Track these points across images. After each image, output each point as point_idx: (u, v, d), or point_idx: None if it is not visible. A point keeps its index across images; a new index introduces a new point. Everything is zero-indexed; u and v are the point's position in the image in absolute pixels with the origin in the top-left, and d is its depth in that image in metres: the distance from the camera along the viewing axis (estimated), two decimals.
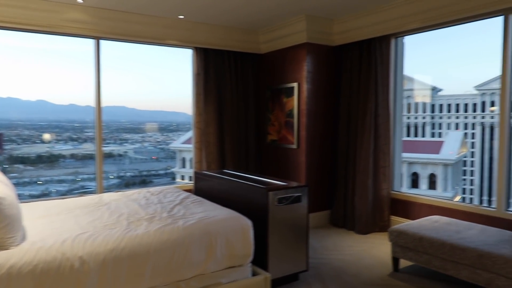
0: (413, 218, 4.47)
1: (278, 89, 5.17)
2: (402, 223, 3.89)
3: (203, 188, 4.05)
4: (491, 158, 34.36)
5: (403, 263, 3.64)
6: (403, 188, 4.84)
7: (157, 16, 4.65)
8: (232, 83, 5.30)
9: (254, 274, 3.00)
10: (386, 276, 3.44)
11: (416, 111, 37.09)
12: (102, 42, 4.54)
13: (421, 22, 4.09)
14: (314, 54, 4.84)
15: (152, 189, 4.05)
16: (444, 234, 3.24)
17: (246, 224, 2.95)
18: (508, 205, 3.77)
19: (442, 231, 3.31)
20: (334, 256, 3.90)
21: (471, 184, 34.37)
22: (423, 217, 4.27)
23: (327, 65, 4.98)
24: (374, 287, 3.22)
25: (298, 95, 4.86)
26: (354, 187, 4.76)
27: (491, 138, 34.61)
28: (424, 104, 37.03)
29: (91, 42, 4.51)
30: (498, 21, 3.75)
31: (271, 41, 5.27)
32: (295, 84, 4.88)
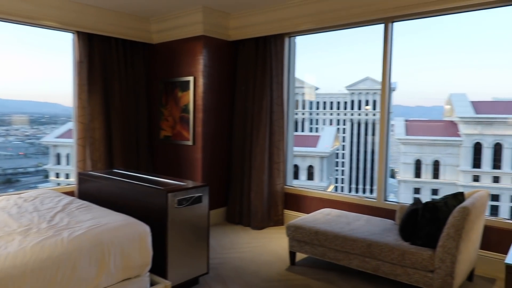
0: (304, 211, 4.68)
1: (173, 82, 4.90)
2: (298, 218, 4.04)
3: (89, 191, 3.61)
4: (358, 151, 38.89)
5: (299, 256, 3.76)
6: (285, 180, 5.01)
7: None
8: (121, 73, 4.85)
9: (153, 283, 2.76)
10: (284, 271, 3.51)
11: (297, 108, 39.81)
12: None
13: (313, 24, 4.26)
14: (211, 48, 4.70)
15: (25, 194, 3.47)
16: (336, 226, 3.43)
17: (143, 230, 2.69)
18: (386, 196, 4.18)
19: (334, 224, 3.51)
20: (232, 255, 3.85)
21: (342, 174, 38.41)
22: (314, 210, 4.50)
23: (224, 60, 4.89)
24: (274, 283, 3.25)
25: (194, 89, 4.67)
26: (250, 183, 4.78)
27: (359, 133, 39.16)
28: (304, 101, 40.02)
29: None
30: (374, 28, 4.16)
31: (164, 31, 4.96)
32: (190, 78, 4.68)
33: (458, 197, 3.07)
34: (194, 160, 4.75)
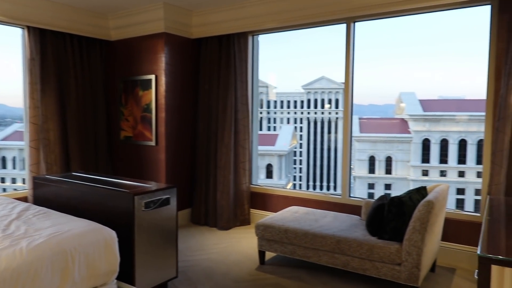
0: (270, 210, 4.68)
1: (133, 81, 4.72)
2: (265, 217, 4.03)
3: (46, 196, 3.38)
4: (315, 149, 39.73)
5: (268, 255, 3.75)
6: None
7: None
8: (77, 71, 4.60)
9: None
10: (254, 270, 3.48)
11: None
12: None
13: (277, 22, 4.26)
14: (173, 45, 4.58)
15: None
16: (305, 224, 3.46)
17: (109, 235, 2.56)
18: (350, 193, 4.27)
19: (303, 221, 3.53)
20: (201, 257, 3.78)
21: (300, 171, 39.09)
22: (280, 208, 4.51)
23: (187, 58, 4.78)
24: (245, 283, 3.22)
25: (156, 88, 4.53)
26: (216, 183, 4.71)
27: (315, 132, 39.98)
28: (261, 100, 40.26)
29: None
30: (331, 28, 4.26)
31: (123, 28, 4.76)
32: (152, 76, 4.53)
33: (421, 192, 3.19)
34: (157, 161, 4.60)
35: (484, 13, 3.49)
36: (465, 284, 3.17)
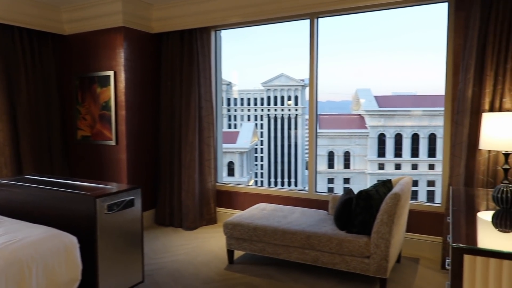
0: (237, 207, 4.62)
1: (90, 77, 4.48)
2: (233, 215, 3.97)
3: None
4: (275, 146, 40.04)
5: (236, 253, 3.69)
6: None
7: None
8: (28, 67, 4.30)
9: None
10: (223, 270, 3.41)
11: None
12: None
13: (240, 17, 4.20)
14: (132, 40, 4.39)
15: None
16: (274, 220, 3.43)
17: (70, 242, 2.40)
18: (316, 188, 4.30)
19: (272, 218, 3.50)
20: (167, 259, 3.65)
21: (261, 168, 39.28)
22: (246, 206, 4.47)
23: (147, 54, 4.60)
24: (214, 284, 3.14)
25: (115, 85, 4.32)
26: (180, 182, 4.58)
27: (276, 128, 40.27)
28: (221, 97, 39.97)
29: None
30: (288, 25, 4.24)
31: (78, 21, 4.50)
32: (111, 73, 4.32)
33: (387, 185, 3.25)
34: (118, 161, 4.40)
35: (439, 9, 3.60)
36: (429, 273, 3.28)
